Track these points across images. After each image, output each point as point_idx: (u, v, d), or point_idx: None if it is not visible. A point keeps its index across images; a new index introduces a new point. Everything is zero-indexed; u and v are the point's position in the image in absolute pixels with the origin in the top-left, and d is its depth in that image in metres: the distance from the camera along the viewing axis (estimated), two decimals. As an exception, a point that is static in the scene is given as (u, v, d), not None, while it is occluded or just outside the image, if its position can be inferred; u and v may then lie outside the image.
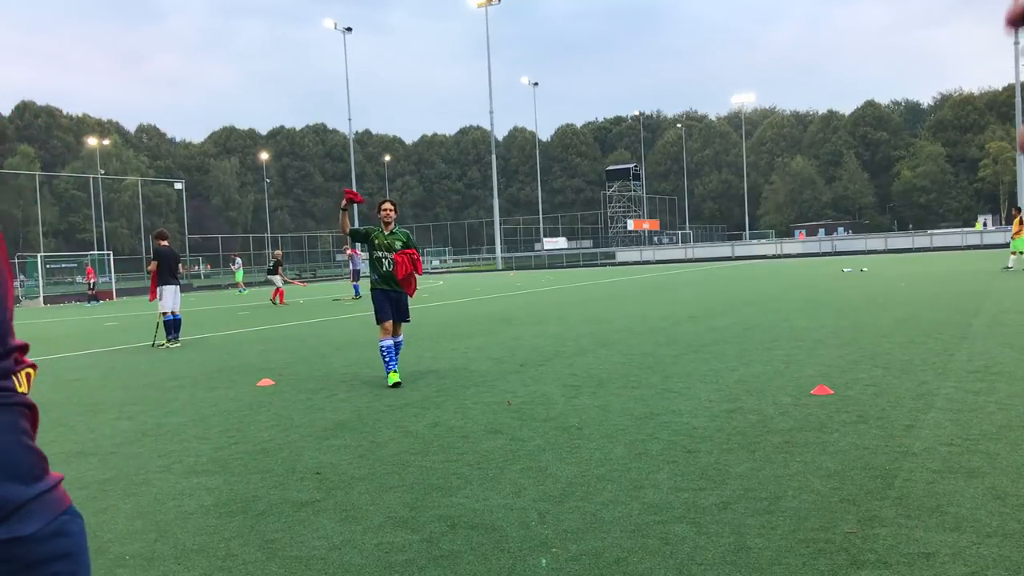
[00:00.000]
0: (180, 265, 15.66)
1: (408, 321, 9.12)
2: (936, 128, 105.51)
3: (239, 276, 42.18)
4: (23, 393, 1.35)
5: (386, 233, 8.82)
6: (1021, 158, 55.87)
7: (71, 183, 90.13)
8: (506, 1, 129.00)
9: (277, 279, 27.80)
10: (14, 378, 1.34)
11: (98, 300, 39.19)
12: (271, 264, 28.86)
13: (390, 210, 8.94)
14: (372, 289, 8.84)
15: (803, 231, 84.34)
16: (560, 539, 3.91)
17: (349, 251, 31.89)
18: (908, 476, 4.60)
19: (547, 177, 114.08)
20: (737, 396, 7.14)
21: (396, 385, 8.48)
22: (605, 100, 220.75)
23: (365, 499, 4.71)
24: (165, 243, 15.03)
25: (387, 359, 8.69)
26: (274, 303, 26.75)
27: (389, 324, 8.70)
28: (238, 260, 43.13)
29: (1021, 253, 25.30)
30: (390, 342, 8.71)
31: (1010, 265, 25.22)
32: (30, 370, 1.40)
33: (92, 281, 39.84)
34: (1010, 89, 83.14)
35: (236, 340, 14.99)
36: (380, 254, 8.79)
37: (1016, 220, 26.14)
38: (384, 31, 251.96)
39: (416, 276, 8.99)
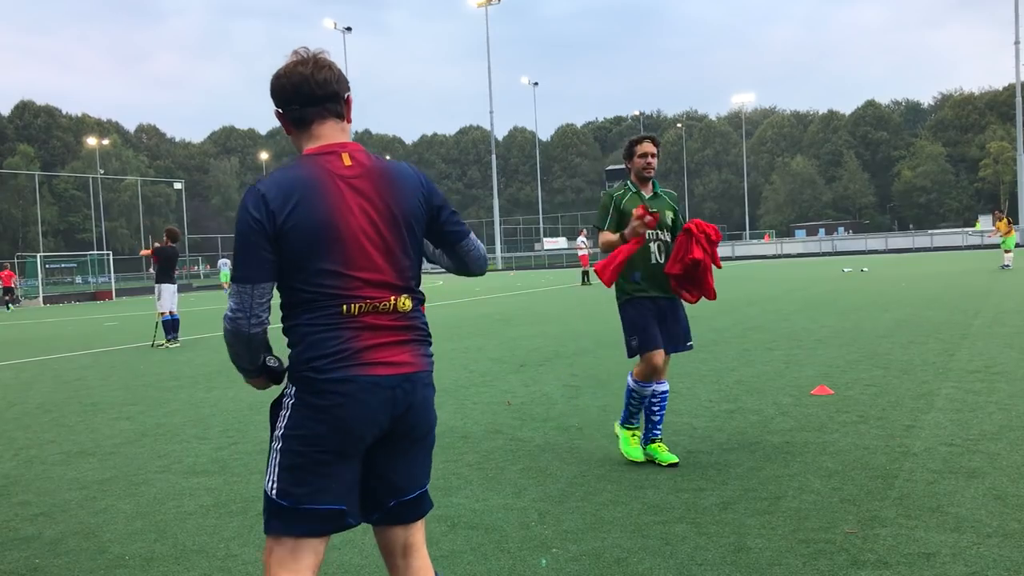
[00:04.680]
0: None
1: (691, 346, 5.37)
2: (936, 128, 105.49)
3: (224, 277, 41.99)
4: None
5: (647, 196, 5.20)
6: (1021, 158, 55.79)
7: (71, 183, 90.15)
8: (506, 1, 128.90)
9: None
10: None
11: (9, 306, 36.46)
12: None
13: (655, 155, 5.17)
14: (627, 299, 5.14)
15: (769, 234, 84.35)
16: (560, 539, 3.91)
17: None
18: (908, 476, 4.60)
19: (547, 177, 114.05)
20: (737, 396, 7.13)
21: (672, 465, 5.03)
22: (605, 100, 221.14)
23: (365, 499, 4.70)
24: (174, 244, 15.03)
25: (637, 411, 5.22)
26: None
27: (660, 355, 5.06)
28: (223, 260, 42.89)
29: (1008, 251, 25.70)
30: (652, 387, 5.15)
31: (1007, 263, 25.34)
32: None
33: (11, 287, 37.39)
34: (1010, 89, 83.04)
35: (236, 340, 14.95)
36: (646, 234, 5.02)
37: (1003, 222, 26.72)
38: (384, 31, 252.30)
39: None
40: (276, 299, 2.33)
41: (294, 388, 2.30)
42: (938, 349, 9.23)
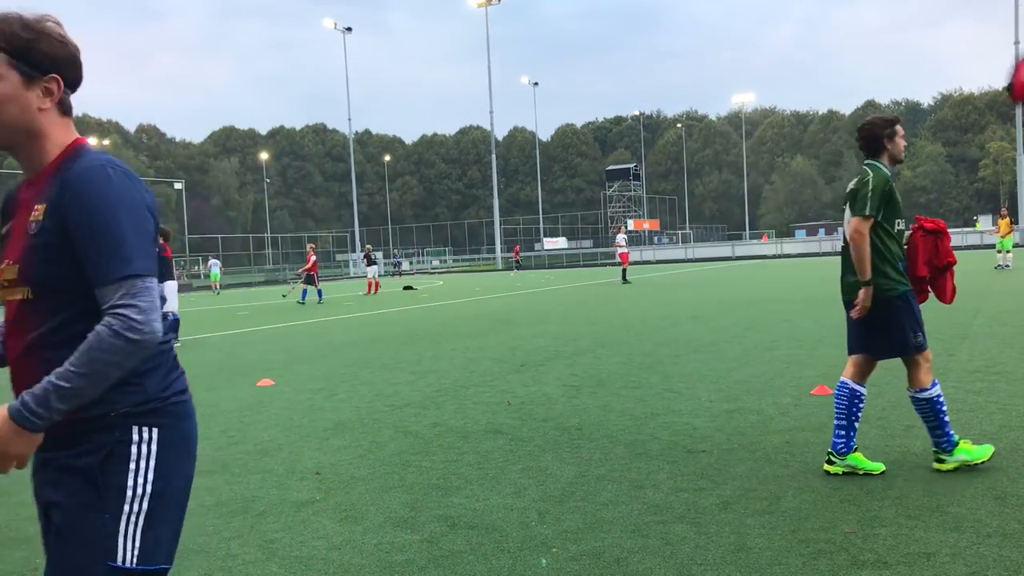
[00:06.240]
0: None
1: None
2: (936, 128, 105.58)
3: (214, 277, 42.06)
4: None
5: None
6: (1021, 158, 55.73)
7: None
8: (506, 1, 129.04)
9: (371, 270, 32.45)
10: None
11: None
12: (363, 256, 32.98)
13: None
14: (907, 290, 4.66)
15: (767, 234, 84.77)
16: (560, 539, 3.91)
17: (311, 253, 27.27)
18: (908, 476, 4.60)
19: (547, 177, 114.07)
20: (737, 396, 7.13)
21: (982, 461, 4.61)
22: (605, 100, 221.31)
23: (365, 499, 4.71)
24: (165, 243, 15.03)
25: (855, 418, 4.70)
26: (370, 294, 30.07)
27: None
28: (213, 261, 43.18)
29: (1007, 251, 25.81)
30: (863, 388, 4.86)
31: (1002, 263, 25.38)
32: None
33: None
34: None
35: (236, 340, 14.98)
36: (904, 224, 4.81)
37: (1005, 220, 26.76)
38: (384, 31, 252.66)
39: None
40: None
41: (153, 430, 1.83)
42: (938, 349, 9.22)
